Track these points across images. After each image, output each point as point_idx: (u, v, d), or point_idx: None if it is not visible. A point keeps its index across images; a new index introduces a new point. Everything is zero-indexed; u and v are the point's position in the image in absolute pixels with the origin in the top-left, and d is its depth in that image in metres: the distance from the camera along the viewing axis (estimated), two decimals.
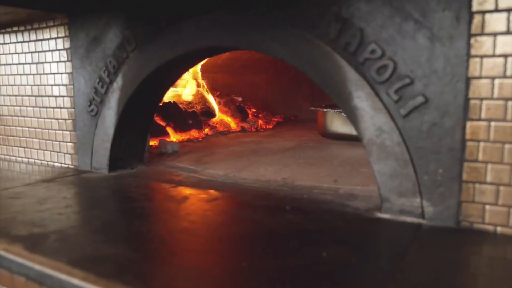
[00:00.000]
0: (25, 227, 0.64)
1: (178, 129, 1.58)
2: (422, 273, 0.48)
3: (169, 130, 1.54)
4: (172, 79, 1.05)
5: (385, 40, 0.64)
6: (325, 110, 1.52)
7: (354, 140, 1.33)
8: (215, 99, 1.91)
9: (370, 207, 0.72)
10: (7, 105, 1.23)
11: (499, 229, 0.60)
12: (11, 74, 1.19)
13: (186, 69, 1.15)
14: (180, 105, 1.70)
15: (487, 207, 0.60)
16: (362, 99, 0.67)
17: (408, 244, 0.56)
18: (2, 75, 1.22)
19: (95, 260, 0.51)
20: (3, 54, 1.20)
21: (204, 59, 1.18)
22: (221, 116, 1.85)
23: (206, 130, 1.70)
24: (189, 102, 1.81)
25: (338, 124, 1.50)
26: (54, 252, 0.54)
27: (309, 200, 0.78)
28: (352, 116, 0.68)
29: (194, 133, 1.63)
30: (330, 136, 1.54)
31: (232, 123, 1.86)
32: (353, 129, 0.76)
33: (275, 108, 2.40)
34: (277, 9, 0.74)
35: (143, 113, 1.04)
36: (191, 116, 1.67)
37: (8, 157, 1.26)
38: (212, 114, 1.81)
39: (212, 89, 2.01)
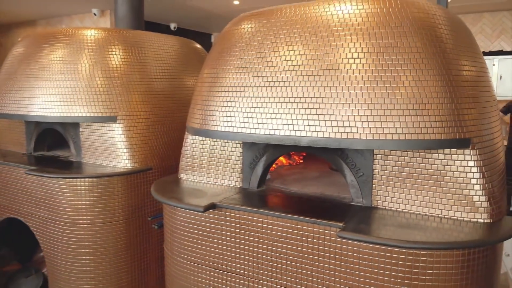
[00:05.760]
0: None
1: None
2: (359, 215, 2.28)
3: None
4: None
5: (357, 159, 2.43)
6: None
7: None
8: None
9: (350, 201, 2.51)
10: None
11: (382, 207, 2.39)
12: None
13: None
14: None
15: (379, 202, 2.39)
16: (347, 172, 2.46)
17: (358, 210, 2.36)
18: None
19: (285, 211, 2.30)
20: None
21: None
22: None
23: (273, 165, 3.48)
24: None
25: None
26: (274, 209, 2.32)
27: (332, 199, 2.58)
28: (345, 177, 2.48)
29: None
30: (335, 169, 3.34)
31: (283, 160, 3.64)
32: None
33: None
34: (331, 150, 2.53)
35: (270, 166, 2.84)
36: None
37: (191, 181, 3.03)
38: None
39: None
